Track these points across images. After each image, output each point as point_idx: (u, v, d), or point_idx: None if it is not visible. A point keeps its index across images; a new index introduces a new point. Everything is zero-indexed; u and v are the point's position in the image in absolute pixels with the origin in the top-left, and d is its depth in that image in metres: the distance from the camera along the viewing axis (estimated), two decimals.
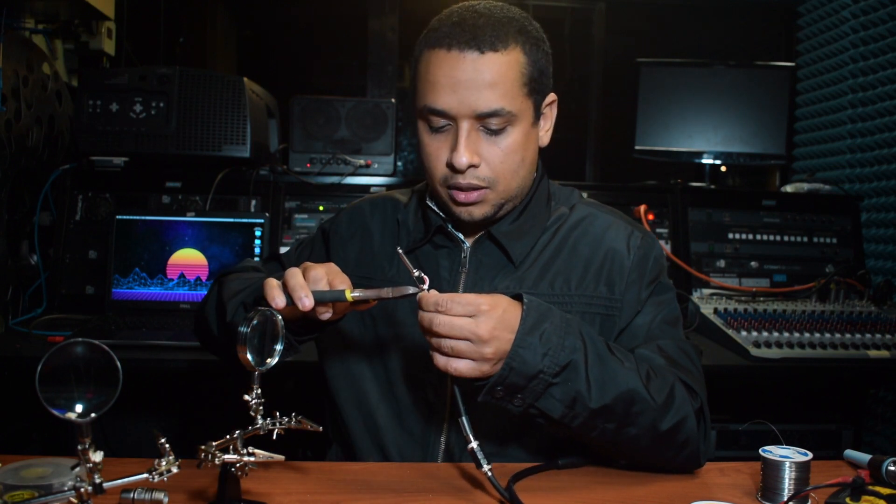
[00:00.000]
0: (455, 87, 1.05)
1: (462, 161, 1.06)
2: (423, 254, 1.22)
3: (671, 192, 2.47)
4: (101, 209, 2.25)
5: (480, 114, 1.05)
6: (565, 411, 0.99)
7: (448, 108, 1.06)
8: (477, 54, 1.04)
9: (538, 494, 1.00)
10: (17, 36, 2.12)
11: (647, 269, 1.19)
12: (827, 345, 1.99)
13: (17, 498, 0.86)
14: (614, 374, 1.00)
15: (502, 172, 1.10)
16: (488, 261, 1.18)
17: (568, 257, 1.18)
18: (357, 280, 1.26)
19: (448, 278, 1.18)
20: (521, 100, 1.08)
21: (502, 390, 0.97)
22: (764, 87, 2.67)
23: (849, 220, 2.52)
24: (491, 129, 1.07)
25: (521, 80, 1.07)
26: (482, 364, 0.95)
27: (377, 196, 1.34)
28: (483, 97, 1.04)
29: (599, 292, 1.16)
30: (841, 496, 0.94)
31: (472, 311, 0.94)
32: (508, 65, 1.05)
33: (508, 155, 1.09)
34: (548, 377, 0.97)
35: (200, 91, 2.22)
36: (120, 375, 0.71)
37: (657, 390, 1.03)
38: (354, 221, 1.30)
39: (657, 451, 1.06)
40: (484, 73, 1.04)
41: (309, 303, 0.95)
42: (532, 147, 1.13)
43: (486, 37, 1.04)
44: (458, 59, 1.04)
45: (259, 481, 1.02)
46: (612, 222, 1.22)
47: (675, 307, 1.21)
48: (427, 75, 1.08)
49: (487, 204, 1.12)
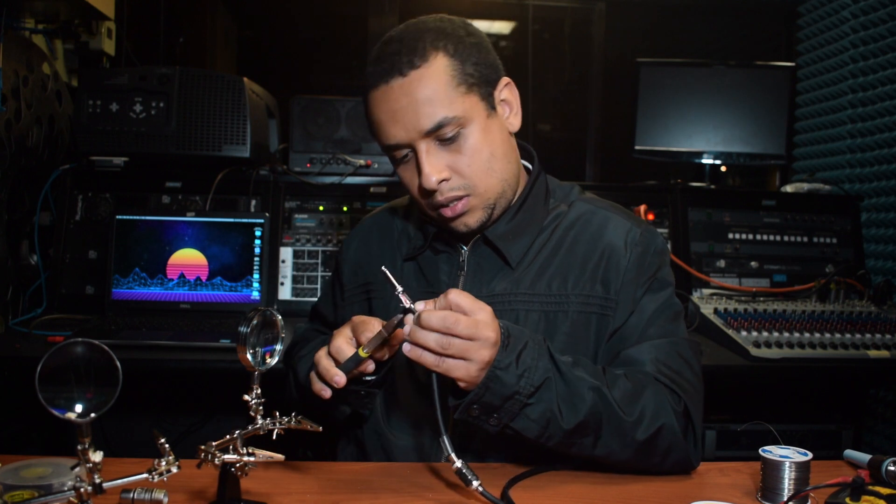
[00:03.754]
0: (395, 117, 1.07)
1: (431, 181, 1.08)
2: (424, 260, 1.23)
3: (671, 192, 2.47)
4: (101, 209, 2.25)
5: (427, 131, 1.06)
6: (540, 431, 1.00)
7: (398, 139, 1.08)
8: (401, 79, 1.05)
9: (537, 496, 1.00)
10: (17, 36, 2.12)
11: (644, 266, 1.17)
12: (827, 345, 1.99)
13: (17, 498, 0.86)
14: (583, 393, 1.01)
15: (475, 175, 1.10)
16: (486, 263, 1.19)
17: (565, 256, 1.18)
18: (358, 288, 1.30)
19: (447, 282, 1.20)
20: (461, 101, 1.07)
21: (478, 409, 0.99)
22: (764, 87, 2.67)
23: (849, 220, 2.52)
24: (446, 139, 1.07)
25: (453, 82, 1.06)
26: (444, 356, 0.95)
27: (379, 210, 1.39)
28: (422, 114, 1.05)
29: (596, 291, 1.16)
30: (841, 496, 0.94)
31: (472, 310, 0.95)
32: (434, 74, 1.05)
33: (473, 157, 1.09)
34: (522, 398, 0.98)
35: (200, 91, 2.22)
36: (120, 375, 0.71)
37: (628, 402, 1.03)
38: (355, 239, 1.36)
39: (640, 460, 1.06)
40: (414, 93, 1.05)
41: (341, 380, 0.99)
42: (497, 138, 1.12)
43: (403, 58, 1.05)
44: (387, 91, 1.06)
45: (259, 481, 1.02)
46: (609, 218, 1.21)
47: (672, 303, 1.19)
48: (372, 117, 1.11)
49: (477, 210, 1.13)
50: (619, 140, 3.10)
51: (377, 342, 1.00)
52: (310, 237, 2.30)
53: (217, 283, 2.12)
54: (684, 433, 1.07)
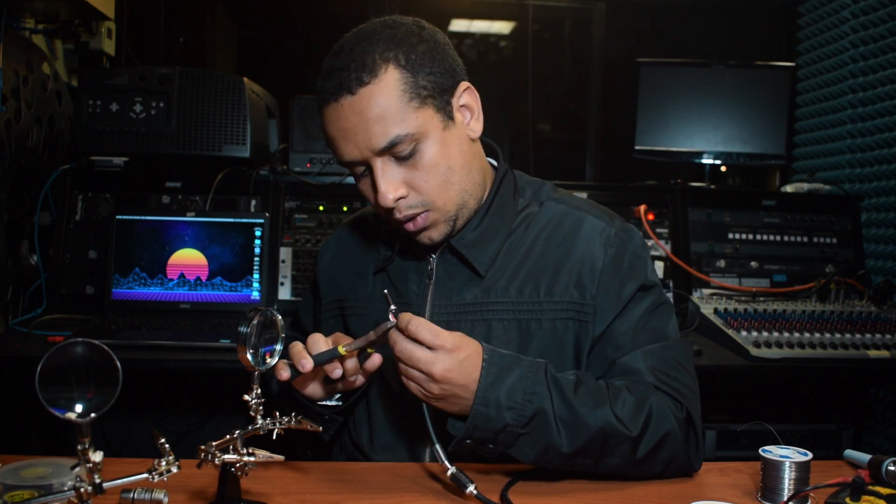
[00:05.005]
0: (346, 135, 1.03)
1: (387, 200, 1.04)
2: (393, 270, 1.21)
3: (671, 192, 2.47)
4: (101, 209, 2.25)
5: (380, 149, 1.02)
6: (539, 456, 1.00)
7: (352, 157, 1.05)
8: (350, 97, 1.00)
9: (536, 497, 1.00)
10: (17, 36, 2.12)
11: (621, 268, 1.13)
12: (827, 345, 1.99)
13: (17, 498, 0.86)
14: (585, 415, 0.99)
15: (432, 190, 1.06)
16: (455, 271, 1.16)
17: (537, 261, 1.14)
18: (333, 304, 1.28)
19: (417, 291, 1.17)
20: (415, 115, 1.02)
21: (472, 443, 0.99)
22: (764, 87, 2.67)
23: (849, 220, 2.52)
24: (401, 156, 1.03)
25: (405, 97, 1.01)
26: (429, 397, 0.97)
27: (354, 217, 1.36)
28: (374, 134, 1.01)
29: (570, 296, 1.12)
30: (841, 496, 0.94)
31: (435, 345, 0.94)
32: (384, 90, 1.00)
33: (430, 172, 1.05)
34: (516, 429, 0.97)
35: (200, 91, 2.22)
36: (120, 375, 0.71)
37: (632, 418, 1.01)
38: (328, 252, 1.34)
39: (642, 471, 1.06)
40: (364, 111, 1.00)
41: (309, 364, 0.98)
42: (455, 149, 1.07)
43: (350, 74, 1.00)
44: (337, 109, 1.02)
45: (259, 481, 1.02)
46: (583, 219, 1.16)
47: (660, 303, 1.15)
48: (326, 133, 1.07)
49: (439, 223, 1.10)
50: (619, 140, 3.09)
51: (361, 344, 1.00)
52: (310, 237, 2.30)
53: (217, 283, 2.12)
54: (686, 439, 1.07)
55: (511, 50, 3.70)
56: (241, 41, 3.75)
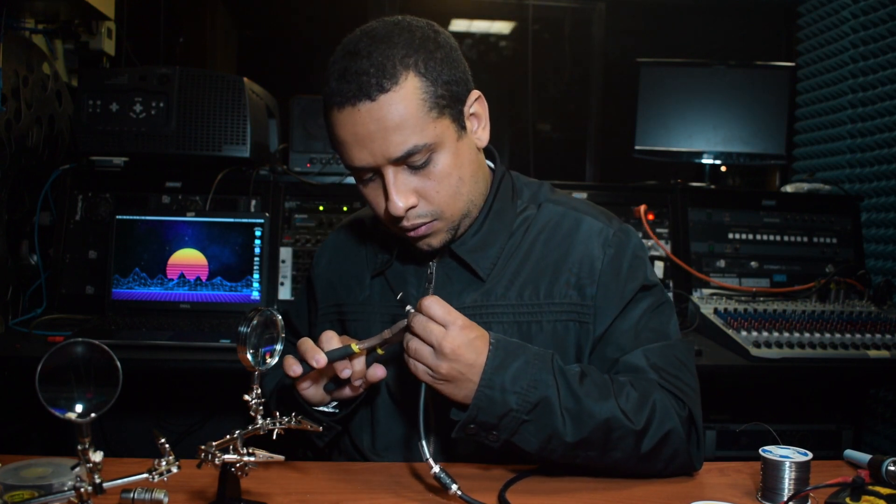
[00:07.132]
0: (361, 142, 1.00)
1: (398, 209, 1.03)
2: (391, 273, 1.20)
3: (671, 192, 2.47)
4: (101, 209, 2.25)
5: (397, 159, 1.00)
6: (542, 445, 0.99)
7: (364, 164, 1.02)
8: (369, 103, 0.97)
9: (535, 497, 1.00)
10: (17, 36, 2.12)
11: (621, 268, 1.13)
12: (827, 345, 1.99)
13: (17, 498, 0.86)
14: (590, 406, 0.99)
15: (443, 201, 1.05)
16: (455, 275, 1.16)
17: (536, 263, 1.14)
18: (331, 308, 1.27)
19: (416, 295, 1.16)
20: (433, 126, 1.00)
21: (475, 428, 0.98)
22: (764, 87, 2.67)
23: (849, 220, 2.52)
24: (415, 166, 1.02)
25: (425, 107, 0.99)
26: (436, 378, 0.96)
27: (349, 220, 1.35)
28: (392, 143, 0.99)
29: (570, 298, 1.12)
30: (841, 496, 0.94)
31: (447, 321, 0.95)
32: (405, 99, 0.98)
33: (442, 182, 1.04)
34: (520, 415, 0.97)
35: (200, 91, 2.22)
36: (120, 375, 0.71)
37: (636, 412, 1.01)
38: (325, 255, 1.33)
39: (645, 467, 1.06)
40: (384, 119, 0.97)
41: (323, 360, 0.98)
42: (466, 160, 1.07)
43: (371, 80, 0.97)
44: (352, 114, 0.98)
45: (259, 481, 1.02)
46: (581, 220, 1.16)
47: (660, 302, 1.15)
48: (334, 135, 1.04)
49: (441, 232, 1.09)
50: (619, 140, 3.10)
51: (376, 342, 1.01)
52: (310, 237, 2.30)
53: (217, 283, 2.12)
54: (688, 438, 1.07)
55: (511, 50, 3.70)
56: (241, 41, 3.75)
